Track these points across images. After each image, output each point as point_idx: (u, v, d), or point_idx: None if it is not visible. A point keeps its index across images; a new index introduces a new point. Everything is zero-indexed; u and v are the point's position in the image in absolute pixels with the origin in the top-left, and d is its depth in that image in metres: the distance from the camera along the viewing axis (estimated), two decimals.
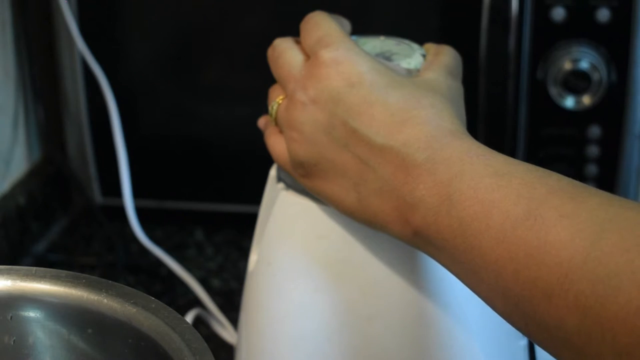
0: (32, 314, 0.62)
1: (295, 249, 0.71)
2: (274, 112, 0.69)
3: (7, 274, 0.63)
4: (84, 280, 0.62)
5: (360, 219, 0.65)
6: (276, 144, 0.69)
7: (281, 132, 0.69)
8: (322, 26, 0.68)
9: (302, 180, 0.68)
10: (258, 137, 1.09)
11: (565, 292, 0.51)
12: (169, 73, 1.08)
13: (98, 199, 1.13)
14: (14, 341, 0.62)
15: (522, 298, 0.54)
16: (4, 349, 0.62)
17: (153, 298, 0.60)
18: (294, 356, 0.71)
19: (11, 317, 0.62)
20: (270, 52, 0.71)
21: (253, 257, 0.75)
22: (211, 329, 0.96)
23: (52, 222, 1.15)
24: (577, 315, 0.51)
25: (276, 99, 0.69)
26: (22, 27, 1.08)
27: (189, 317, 0.93)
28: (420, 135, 0.61)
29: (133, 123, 1.08)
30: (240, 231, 1.11)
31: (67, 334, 0.62)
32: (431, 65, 0.68)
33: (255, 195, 0.78)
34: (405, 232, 0.62)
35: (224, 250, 1.10)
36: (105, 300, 0.61)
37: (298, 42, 0.70)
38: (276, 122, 0.69)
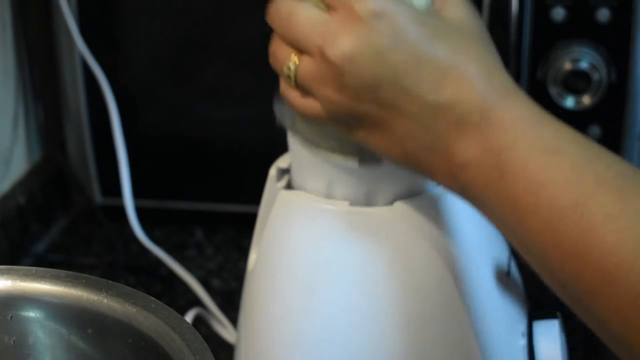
0: (32, 314, 0.62)
1: (295, 249, 0.71)
2: (292, 74, 0.64)
3: (7, 274, 0.63)
4: (84, 280, 0.62)
5: (407, 169, 0.64)
6: (307, 106, 0.65)
7: (306, 93, 0.65)
8: None
9: (344, 130, 0.65)
10: (258, 137, 1.09)
11: (608, 299, 0.54)
12: (169, 73, 1.08)
13: (98, 199, 1.13)
14: (14, 341, 0.62)
15: (567, 283, 0.56)
16: (4, 349, 0.62)
17: (153, 298, 0.60)
18: (293, 356, 0.71)
19: (11, 317, 0.62)
20: (274, 12, 0.66)
21: (252, 257, 0.75)
22: (211, 329, 0.96)
23: (52, 222, 1.15)
24: (620, 321, 0.52)
25: (289, 59, 0.64)
26: (22, 27, 1.08)
27: (189, 317, 0.93)
28: (473, 94, 0.60)
29: (133, 123, 1.08)
30: (240, 231, 1.11)
31: (67, 334, 0.62)
32: (447, 4, 0.65)
33: (255, 195, 0.78)
34: (454, 187, 0.62)
35: (224, 250, 1.10)
36: (105, 300, 0.61)
37: None
38: (297, 84, 0.64)
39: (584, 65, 0.99)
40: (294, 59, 0.64)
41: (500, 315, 0.72)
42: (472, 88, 0.60)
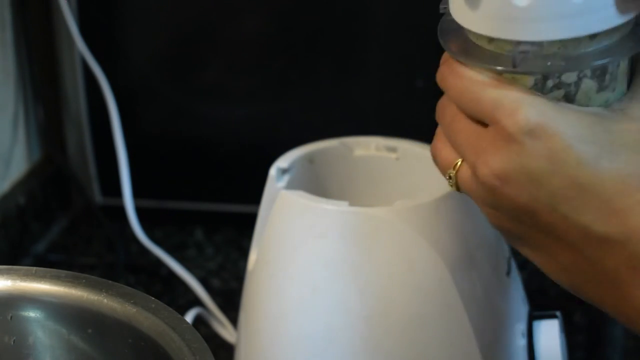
0: (32, 314, 0.62)
1: (295, 249, 0.71)
2: (453, 183, 0.58)
3: (7, 274, 0.63)
4: (84, 280, 0.62)
5: (574, 292, 0.57)
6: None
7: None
8: (481, 86, 0.56)
9: (509, 241, 0.60)
10: (258, 137, 1.09)
11: None
12: (169, 73, 1.08)
13: (98, 199, 1.13)
14: (14, 341, 0.62)
15: None
16: (4, 349, 0.62)
17: (153, 298, 0.60)
18: (293, 356, 0.71)
19: (11, 317, 0.62)
20: (439, 114, 0.59)
21: (253, 257, 0.75)
22: (211, 329, 0.96)
23: (52, 222, 1.15)
24: None
25: (451, 167, 0.58)
26: (22, 27, 1.08)
27: (189, 317, 0.93)
28: None
29: (133, 123, 1.08)
30: (240, 231, 1.11)
31: (67, 334, 0.62)
32: (638, 96, 0.56)
33: (255, 195, 0.78)
34: (631, 324, 0.55)
35: (224, 250, 1.10)
36: (105, 300, 0.61)
37: None
38: (460, 191, 0.59)
39: None
40: (457, 165, 0.58)
41: (500, 315, 0.72)
42: None
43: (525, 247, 0.57)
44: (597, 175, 0.53)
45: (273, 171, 0.75)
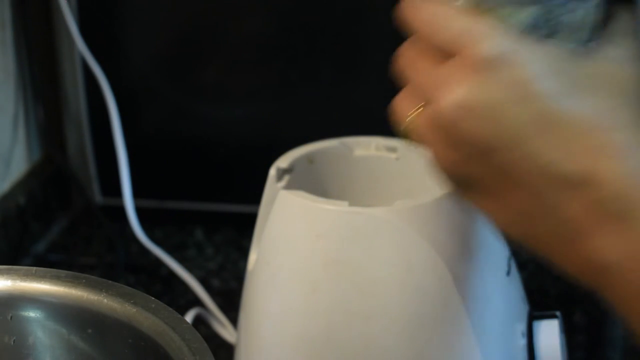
0: (32, 314, 0.62)
1: (295, 249, 0.71)
2: (412, 127, 0.55)
3: (7, 274, 0.63)
4: (84, 280, 0.62)
5: (529, 250, 0.54)
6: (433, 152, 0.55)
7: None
8: (449, 17, 0.53)
9: (461, 194, 0.56)
10: (258, 137, 1.09)
11: None
12: (169, 73, 1.08)
13: (98, 199, 1.13)
14: (14, 341, 0.62)
15: None
16: (4, 349, 0.62)
17: (153, 298, 0.60)
18: (293, 356, 0.71)
19: (11, 317, 0.62)
20: (400, 60, 0.57)
21: (252, 257, 0.75)
22: (211, 329, 0.96)
23: (52, 222, 1.15)
24: None
25: (410, 112, 0.55)
26: (22, 27, 1.08)
27: (189, 317, 0.93)
28: (622, 174, 0.48)
29: (133, 123, 1.08)
30: (240, 231, 1.11)
31: (67, 334, 0.62)
32: (614, 39, 0.53)
33: (255, 195, 0.78)
34: (588, 283, 0.51)
35: (224, 250, 1.10)
36: (105, 300, 0.61)
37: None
38: (417, 140, 0.56)
39: None
40: (415, 110, 0.55)
41: (500, 315, 0.72)
42: (617, 164, 0.48)
43: (476, 194, 0.54)
44: (564, 112, 0.50)
45: (273, 171, 0.75)
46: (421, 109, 0.54)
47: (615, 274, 0.48)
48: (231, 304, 0.98)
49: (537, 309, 0.75)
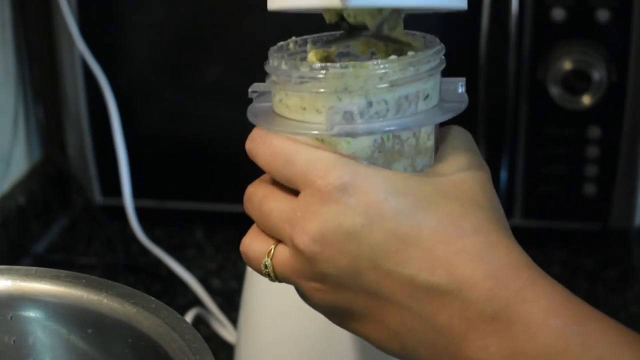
0: (32, 314, 0.62)
1: None
2: (270, 270, 0.56)
3: (7, 274, 0.63)
4: (84, 280, 0.62)
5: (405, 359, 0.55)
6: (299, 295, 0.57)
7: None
8: (294, 149, 0.54)
9: (335, 322, 0.57)
10: None
11: None
12: (169, 73, 1.08)
13: (98, 199, 1.13)
14: (14, 341, 0.62)
15: None
16: (4, 349, 0.62)
17: (153, 298, 0.60)
18: (293, 356, 0.71)
19: (11, 317, 0.62)
20: (247, 204, 0.58)
21: None
22: (211, 329, 0.96)
23: (52, 222, 1.15)
24: None
25: (265, 255, 0.56)
26: (22, 27, 1.08)
27: (189, 317, 0.93)
28: (477, 277, 0.50)
29: (133, 123, 1.08)
30: (240, 231, 1.11)
31: (67, 334, 0.62)
32: (447, 157, 0.56)
33: None
34: None
35: (224, 250, 1.10)
36: (105, 300, 0.61)
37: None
38: (278, 279, 0.57)
39: (584, 65, 0.99)
40: (270, 251, 0.56)
41: None
42: (475, 271, 0.51)
43: (352, 321, 0.55)
44: (415, 226, 0.52)
45: None
46: (274, 248, 0.55)
47: None
48: (231, 304, 0.98)
49: None
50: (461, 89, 0.58)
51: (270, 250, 0.55)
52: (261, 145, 0.56)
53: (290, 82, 0.55)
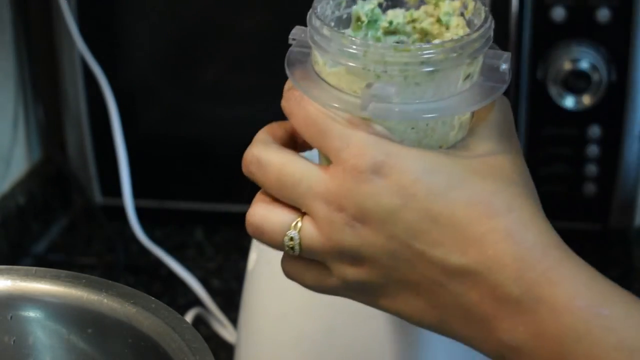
0: (32, 314, 0.62)
1: None
2: (296, 244, 0.55)
3: (7, 274, 0.63)
4: (84, 280, 0.62)
5: (440, 333, 0.56)
6: (316, 278, 0.56)
7: (311, 261, 0.56)
8: (328, 121, 0.54)
9: (362, 300, 0.57)
10: None
11: None
12: (169, 73, 1.08)
13: (98, 199, 1.13)
14: (14, 341, 0.62)
15: None
16: (4, 349, 0.62)
17: (153, 298, 0.60)
18: (293, 356, 0.71)
19: (11, 317, 0.62)
20: (257, 170, 0.56)
21: (253, 257, 0.75)
22: (211, 329, 0.96)
23: (52, 222, 1.15)
24: None
25: (290, 227, 0.55)
26: (22, 27, 1.08)
27: (189, 317, 0.93)
28: (506, 258, 0.51)
29: (133, 123, 1.08)
30: (240, 231, 1.10)
31: (67, 334, 0.62)
32: (479, 130, 0.55)
33: (255, 195, 0.78)
34: (500, 358, 0.53)
35: (224, 250, 1.10)
36: (105, 300, 0.61)
37: (283, 139, 0.57)
38: (302, 253, 0.55)
39: (584, 65, 0.99)
40: (293, 225, 0.55)
41: None
42: (504, 252, 0.51)
43: (382, 297, 0.55)
44: (448, 206, 0.52)
45: None
46: (301, 221, 0.55)
47: (527, 353, 0.51)
48: (231, 304, 0.98)
49: None
50: (504, 66, 0.56)
51: (297, 222, 0.55)
52: (295, 106, 0.55)
53: (329, 51, 0.54)
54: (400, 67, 0.52)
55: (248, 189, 0.60)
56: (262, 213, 0.56)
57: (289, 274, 0.58)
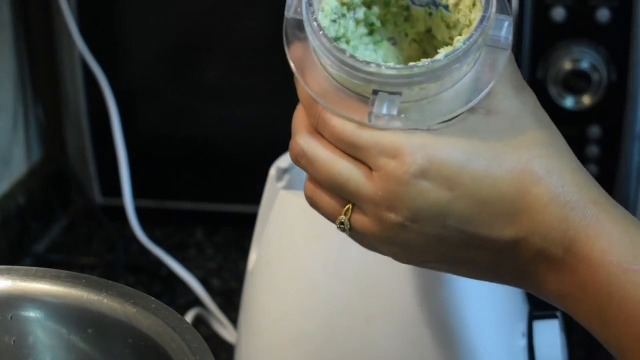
0: (32, 314, 0.62)
1: (295, 249, 0.71)
2: (347, 228, 0.57)
3: (7, 274, 0.63)
4: (84, 280, 0.62)
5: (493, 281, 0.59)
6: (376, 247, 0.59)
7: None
8: (356, 138, 0.55)
9: (414, 265, 0.60)
10: (258, 137, 1.09)
11: None
12: (169, 73, 1.08)
13: (98, 199, 1.13)
14: (14, 341, 0.62)
15: None
16: (4, 349, 0.62)
17: (153, 298, 0.60)
18: (293, 356, 0.71)
19: (11, 317, 0.62)
20: (309, 164, 0.57)
21: (253, 257, 0.75)
22: (211, 329, 0.96)
23: (52, 222, 1.15)
24: None
25: (341, 213, 0.57)
26: (22, 27, 1.08)
27: (189, 317, 0.93)
28: (553, 221, 0.54)
29: (133, 123, 1.08)
30: (240, 231, 1.11)
31: (67, 334, 0.62)
32: (497, 88, 0.56)
33: (255, 195, 0.78)
34: (549, 301, 0.57)
35: (224, 250, 1.10)
36: (105, 300, 0.61)
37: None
38: (351, 236, 0.58)
39: (584, 65, 0.99)
40: (344, 211, 0.57)
41: (500, 315, 0.72)
42: (549, 216, 0.54)
43: (444, 267, 0.59)
44: (494, 185, 0.54)
45: (273, 171, 0.75)
46: (351, 210, 0.57)
47: (574, 302, 0.55)
48: (231, 304, 0.98)
49: (537, 308, 0.75)
50: (505, 32, 0.55)
51: (348, 209, 0.57)
52: (321, 126, 0.57)
53: (329, 62, 0.54)
54: (401, 80, 0.53)
55: (248, 189, 0.60)
56: (319, 195, 0.58)
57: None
